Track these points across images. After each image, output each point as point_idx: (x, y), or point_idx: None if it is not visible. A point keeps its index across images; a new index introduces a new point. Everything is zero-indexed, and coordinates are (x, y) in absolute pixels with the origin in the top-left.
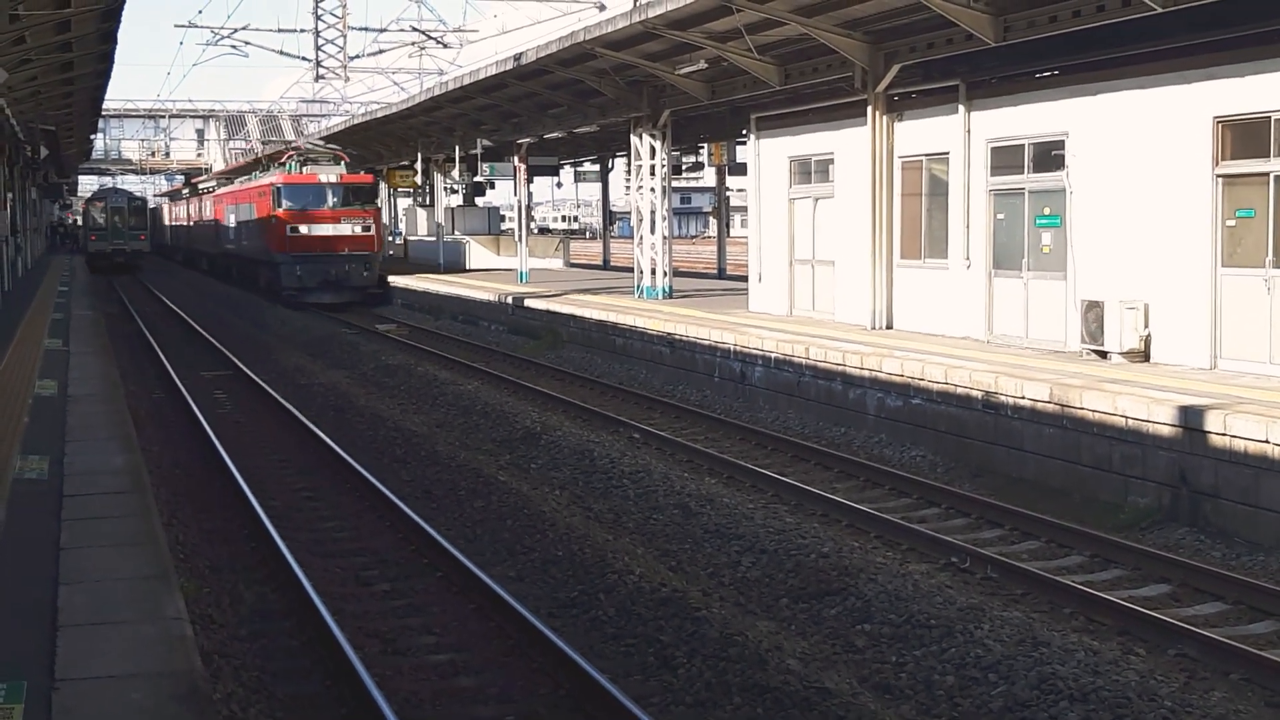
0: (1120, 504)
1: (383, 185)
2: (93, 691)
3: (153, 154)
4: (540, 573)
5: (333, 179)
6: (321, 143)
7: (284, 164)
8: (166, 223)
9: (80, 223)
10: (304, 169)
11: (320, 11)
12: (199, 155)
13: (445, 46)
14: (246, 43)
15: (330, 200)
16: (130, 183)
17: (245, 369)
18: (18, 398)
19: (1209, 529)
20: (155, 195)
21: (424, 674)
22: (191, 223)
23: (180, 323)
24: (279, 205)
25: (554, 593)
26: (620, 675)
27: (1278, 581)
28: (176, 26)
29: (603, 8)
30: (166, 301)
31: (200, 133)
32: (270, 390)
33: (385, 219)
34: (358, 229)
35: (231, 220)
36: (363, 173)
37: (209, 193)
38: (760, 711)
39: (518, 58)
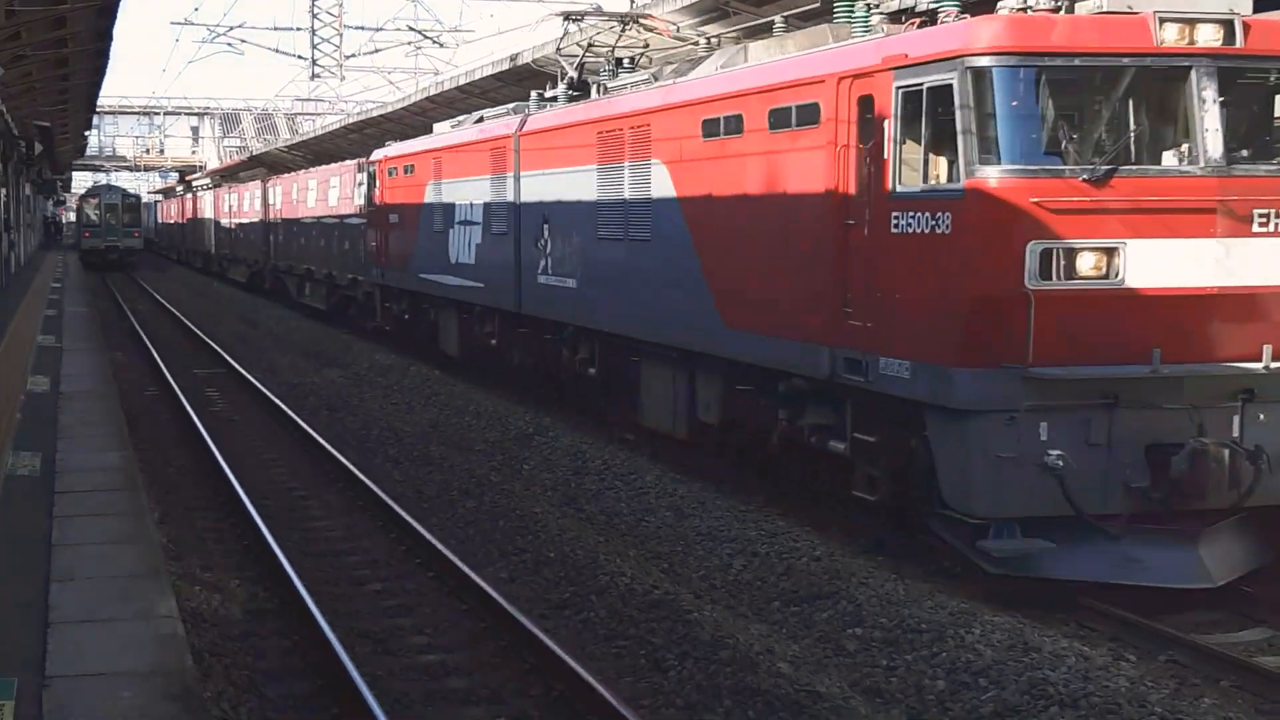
0: None
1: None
2: (83, 689)
3: (147, 151)
4: (532, 574)
5: None
6: None
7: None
8: (208, 215)
9: (74, 219)
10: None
11: (316, 10)
12: (193, 153)
13: (441, 46)
14: (242, 40)
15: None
16: (124, 179)
17: (238, 366)
18: (10, 394)
19: None
20: (150, 193)
21: (415, 674)
22: (277, 221)
23: (172, 319)
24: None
25: (546, 594)
26: (612, 677)
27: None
28: (172, 24)
29: (599, 9)
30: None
31: (195, 130)
32: (263, 388)
33: None
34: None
35: (470, 227)
36: None
37: (338, 158)
38: (751, 714)
39: (513, 58)
